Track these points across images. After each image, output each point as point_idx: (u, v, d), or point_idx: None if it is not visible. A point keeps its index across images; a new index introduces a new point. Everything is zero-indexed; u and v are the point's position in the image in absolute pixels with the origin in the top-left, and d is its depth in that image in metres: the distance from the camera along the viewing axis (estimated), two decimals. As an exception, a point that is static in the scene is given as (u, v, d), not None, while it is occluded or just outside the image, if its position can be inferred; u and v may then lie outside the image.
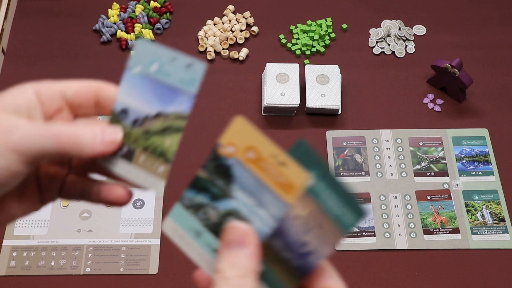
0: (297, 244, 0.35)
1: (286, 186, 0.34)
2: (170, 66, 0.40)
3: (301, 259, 0.35)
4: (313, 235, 0.35)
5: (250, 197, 0.36)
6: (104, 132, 0.40)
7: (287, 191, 0.34)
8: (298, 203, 0.35)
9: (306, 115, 1.06)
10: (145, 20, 1.17)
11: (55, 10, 1.19)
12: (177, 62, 0.40)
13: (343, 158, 1.01)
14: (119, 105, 0.41)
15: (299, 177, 0.33)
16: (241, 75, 1.11)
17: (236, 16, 1.17)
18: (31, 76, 1.10)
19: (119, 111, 0.41)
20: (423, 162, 1.01)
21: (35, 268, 0.90)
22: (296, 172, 0.33)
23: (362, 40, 1.15)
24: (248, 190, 0.36)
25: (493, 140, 1.03)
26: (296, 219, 0.35)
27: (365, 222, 0.95)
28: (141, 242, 0.93)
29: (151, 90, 0.40)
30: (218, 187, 0.37)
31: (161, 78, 0.40)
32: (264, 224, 0.35)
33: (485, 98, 1.08)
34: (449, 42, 1.15)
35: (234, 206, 0.36)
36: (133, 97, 0.41)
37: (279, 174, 0.34)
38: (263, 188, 0.35)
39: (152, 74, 0.40)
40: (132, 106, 0.41)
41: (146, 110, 0.41)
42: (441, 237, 0.94)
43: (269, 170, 0.35)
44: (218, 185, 0.38)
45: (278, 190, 0.34)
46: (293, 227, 0.35)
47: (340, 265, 0.91)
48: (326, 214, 0.34)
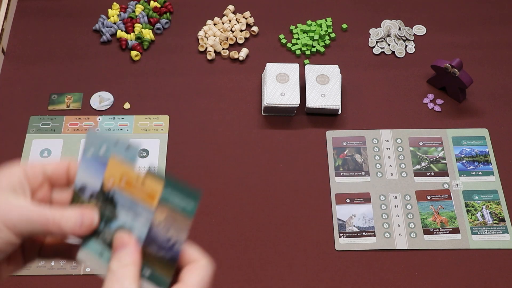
0: (164, 242, 0.47)
1: (149, 196, 0.47)
2: (114, 148, 0.50)
3: (170, 251, 0.47)
4: (172, 230, 0.47)
5: (129, 212, 0.48)
6: (84, 216, 0.48)
7: (151, 199, 0.47)
8: (158, 212, 0.47)
9: (306, 115, 1.06)
10: (145, 20, 1.17)
11: (55, 10, 1.19)
12: (119, 144, 0.50)
13: (343, 158, 1.01)
14: (78, 183, 0.50)
15: (156, 187, 0.47)
16: (241, 75, 1.11)
17: (236, 16, 1.17)
18: (31, 76, 1.10)
19: (78, 188, 0.50)
20: (423, 162, 1.01)
21: (35, 268, 0.90)
22: (153, 185, 0.47)
23: (362, 40, 1.15)
24: (127, 207, 0.48)
25: (493, 140, 1.03)
26: (159, 224, 0.47)
27: (365, 222, 0.95)
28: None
29: (102, 169, 0.50)
30: (108, 213, 0.49)
31: (108, 158, 0.50)
32: (141, 230, 0.48)
33: (485, 98, 1.08)
34: (449, 42, 1.15)
35: (120, 223, 0.48)
36: (89, 176, 0.50)
37: (143, 190, 0.48)
38: (135, 203, 0.48)
39: (101, 155, 0.50)
40: (88, 183, 0.50)
41: (98, 184, 0.50)
42: (441, 237, 0.94)
43: (137, 189, 0.48)
44: (108, 211, 0.49)
45: (145, 201, 0.48)
46: (159, 231, 0.47)
47: (340, 265, 0.91)
48: (176, 210, 0.47)
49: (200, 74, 1.11)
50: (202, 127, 1.05)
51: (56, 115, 1.06)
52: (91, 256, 0.49)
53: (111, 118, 1.05)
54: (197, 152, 1.02)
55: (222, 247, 0.93)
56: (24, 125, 1.04)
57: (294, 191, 0.98)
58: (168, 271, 0.47)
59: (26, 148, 1.02)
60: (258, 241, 0.94)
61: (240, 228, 0.95)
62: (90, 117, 1.06)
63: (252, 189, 0.98)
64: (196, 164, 1.01)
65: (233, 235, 0.94)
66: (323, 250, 0.93)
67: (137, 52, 1.12)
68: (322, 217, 0.96)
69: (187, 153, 1.02)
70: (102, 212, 0.49)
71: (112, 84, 1.09)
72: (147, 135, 1.04)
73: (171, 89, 1.09)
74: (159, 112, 1.06)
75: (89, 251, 0.49)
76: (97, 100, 1.07)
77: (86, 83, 1.09)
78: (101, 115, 1.06)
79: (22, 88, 1.09)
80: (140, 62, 1.12)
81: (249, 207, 0.97)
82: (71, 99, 1.08)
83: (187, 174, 1.00)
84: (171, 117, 1.06)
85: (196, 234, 0.94)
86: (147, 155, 1.01)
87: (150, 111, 1.06)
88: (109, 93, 1.08)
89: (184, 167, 1.01)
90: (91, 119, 1.05)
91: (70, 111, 1.06)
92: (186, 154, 1.02)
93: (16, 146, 1.02)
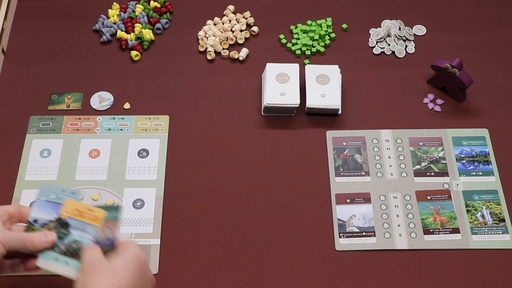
0: (108, 240, 0.75)
1: (95, 219, 0.76)
2: (62, 194, 0.78)
3: (110, 243, 0.75)
4: (110, 232, 0.75)
5: (78, 230, 0.75)
6: (46, 235, 0.74)
7: (96, 221, 0.76)
8: (100, 226, 0.76)
9: (306, 115, 1.06)
10: (145, 20, 1.17)
11: (55, 10, 1.19)
12: (66, 192, 0.78)
13: (343, 158, 1.01)
14: (32, 217, 0.76)
15: (100, 214, 0.76)
16: (241, 75, 1.11)
17: (236, 16, 1.17)
18: (31, 76, 1.10)
19: (32, 220, 0.76)
20: (423, 162, 1.01)
21: (35, 268, 0.91)
22: (98, 212, 0.76)
23: (362, 40, 1.15)
24: (77, 228, 0.76)
25: (493, 140, 1.03)
26: (100, 233, 0.75)
27: (365, 222, 0.95)
28: (141, 242, 0.93)
29: (50, 207, 0.77)
30: (62, 232, 0.75)
31: (56, 201, 0.77)
32: (88, 239, 0.75)
33: (485, 98, 1.08)
34: (449, 42, 1.15)
35: (72, 238, 0.75)
36: (40, 212, 0.77)
37: (90, 215, 0.76)
38: (85, 224, 0.76)
39: (51, 199, 0.77)
40: (39, 217, 0.76)
41: (48, 217, 0.76)
42: (441, 237, 0.94)
43: (86, 215, 0.76)
44: (62, 231, 0.75)
45: (92, 223, 0.76)
46: (101, 237, 0.75)
47: (340, 265, 0.91)
48: (108, 220, 0.76)
49: (200, 74, 1.11)
50: (202, 127, 1.05)
51: (56, 115, 1.06)
52: (48, 262, 0.74)
53: (111, 118, 1.05)
54: (197, 152, 1.02)
55: (222, 247, 0.93)
56: (24, 125, 1.04)
57: (294, 191, 0.98)
58: (111, 253, 0.74)
59: (26, 148, 1.02)
60: (258, 241, 0.94)
61: (240, 228, 0.95)
62: (90, 117, 1.06)
63: (252, 189, 0.98)
64: (196, 164, 1.01)
65: (233, 235, 0.94)
66: (323, 250, 0.93)
67: (137, 52, 1.12)
68: (322, 217, 0.96)
69: (187, 153, 1.02)
70: (58, 232, 0.75)
71: (112, 84, 1.09)
72: (147, 135, 1.04)
73: (171, 89, 1.09)
74: (159, 112, 1.06)
75: (45, 259, 0.74)
76: (97, 100, 1.07)
77: (86, 83, 1.09)
78: (101, 115, 1.06)
79: (22, 88, 1.09)
80: (140, 62, 1.12)
81: (249, 207, 0.97)
82: (71, 99, 1.08)
83: (187, 174, 1.00)
84: (171, 117, 1.06)
85: (197, 234, 0.94)
86: (147, 155, 1.01)
87: (150, 111, 1.06)
88: (109, 93, 1.08)
89: (184, 167, 1.01)
90: (91, 119, 1.05)
91: (70, 111, 1.06)
92: (186, 154, 1.02)
93: (16, 146, 1.02)
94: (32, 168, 1.00)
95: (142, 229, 0.94)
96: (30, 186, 0.98)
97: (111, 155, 1.01)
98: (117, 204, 0.82)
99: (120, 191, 0.98)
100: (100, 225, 0.75)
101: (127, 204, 0.97)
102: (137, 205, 0.97)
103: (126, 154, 1.02)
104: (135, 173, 1.00)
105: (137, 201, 0.97)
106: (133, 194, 0.98)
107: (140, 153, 1.02)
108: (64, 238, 0.75)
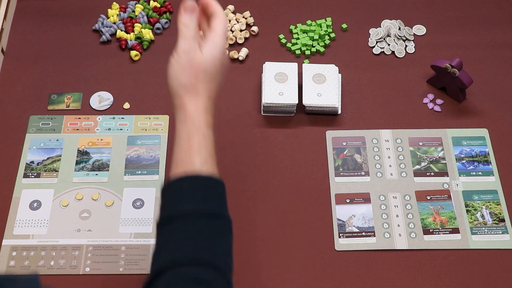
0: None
1: None
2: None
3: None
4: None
5: None
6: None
7: None
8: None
9: (306, 115, 1.06)
10: (145, 20, 1.16)
11: (55, 10, 1.19)
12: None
13: (343, 158, 1.01)
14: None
15: None
16: (240, 75, 1.11)
17: (236, 16, 1.17)
18: (31, 76, 1.10)
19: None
20: (423, 162, 1.01)
21: (34, 268, 0.90)
22: None
23: (362, 40, 1.15)
24: None
25: (493, 140, 1.03)
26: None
27: (365, 222, 0.95)
28: (141, 242, 0.93)
29: None
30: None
31: None
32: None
33: (485, 98, 1.08)
34: (449, 42, 1.15)
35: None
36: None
37: None
38: None
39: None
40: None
41: None
42: (441, 237, 0.94)
43: None
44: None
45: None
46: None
47: (340, 265, 0.91)
48: None
49: (200, 74, 1.11)
50: (202, 127, 1.04)
51: (56, 115, 1.06)
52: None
53: (111, 118, 1.05)
54: (197, 152, 1.02)
55: (221, 247, 0.93)
56: (24, 125, 1.04)
57: (294, 191, 0.98)
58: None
59: (26, 147, 1.02)
60: (258, 241, 0.94)
61: (240, 228, 0.95)
62: (89, 117, 1.05)
63: (252, 189, 0.98)
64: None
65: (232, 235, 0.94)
66: (323, 250, 0.93)
67: (137, 52, 1.12)
68: (321, 217, 0.96)
69: (187, 153, 1.02)
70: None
71: (111, 84, 1.09)
72: (147, 135, 1.03)
73: (171, 89, 1.09)
74: (159, 112, 1.06)
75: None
76: (97, 100, 1.07)
77: (85, 83, 1.09)
78: (101, 115, 1.06)
79: (22, 88, 1.09)
80: (140, 62, 1.12)
81: (249, 207, 0.97)
82: (71, 99, 1.08)
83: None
84: (171, 117, 1.06)
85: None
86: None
87: (150, 111, 1.06)
88: (109, 93, 1.08)
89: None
90: (90, 119, 1.05)
91: (69, 111, 1.06)
92: (185, 154, 1.02)
93: (16, 145, 1.02)
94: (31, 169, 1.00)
95: (142, 229, 0.94)
96: (30, 186, 0.98)
97: (111, 155, 1.01)
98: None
99: (120, 191, 0.98)
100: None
101: (127, 204, 0.97)
102: (137, 205, 0.97)
103: (125, 155, 1.02)
104: (135, 173, 1.00)
105: (137, 201, 0.97)
106: (133, 194, 0.97)
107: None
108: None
